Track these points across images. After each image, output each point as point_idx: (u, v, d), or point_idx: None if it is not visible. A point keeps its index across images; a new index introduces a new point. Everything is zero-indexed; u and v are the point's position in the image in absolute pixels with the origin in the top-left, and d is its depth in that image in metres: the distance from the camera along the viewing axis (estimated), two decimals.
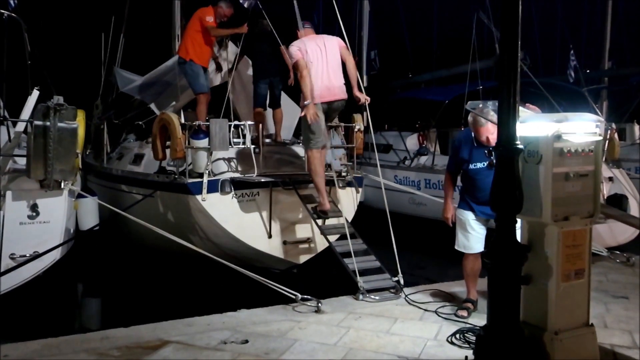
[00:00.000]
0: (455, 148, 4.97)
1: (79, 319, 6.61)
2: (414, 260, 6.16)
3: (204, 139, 6.55)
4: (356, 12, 13.08)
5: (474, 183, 4.78)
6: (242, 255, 6.76)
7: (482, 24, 10.77)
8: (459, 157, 4.87)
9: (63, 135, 5.32)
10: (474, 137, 4.76)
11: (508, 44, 3.42)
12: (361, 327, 4.61)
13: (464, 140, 4.87)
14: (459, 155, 4.87)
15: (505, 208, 3.46)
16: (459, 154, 4.86)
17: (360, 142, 7.90)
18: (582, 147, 3.70)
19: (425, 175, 10.05)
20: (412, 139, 11.52)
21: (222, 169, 6.88)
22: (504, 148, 3.42)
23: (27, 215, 5.53)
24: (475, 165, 4.75)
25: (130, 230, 7.31)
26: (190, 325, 4.65)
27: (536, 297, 3.73)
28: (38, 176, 5.40)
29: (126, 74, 10.15)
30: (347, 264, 5.81)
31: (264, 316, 4.88)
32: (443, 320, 4.77)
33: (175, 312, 4.95)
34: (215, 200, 6.54)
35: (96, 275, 7.67)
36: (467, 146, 4.81)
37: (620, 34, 15.67)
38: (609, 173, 8.44)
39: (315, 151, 6.17)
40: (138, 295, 6.85)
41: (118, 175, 8.36)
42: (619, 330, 4.53)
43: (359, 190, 7.67)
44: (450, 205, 5.00)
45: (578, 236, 3.74)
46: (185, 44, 7.77)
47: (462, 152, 4.84)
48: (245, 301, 5.20)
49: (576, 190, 3.71)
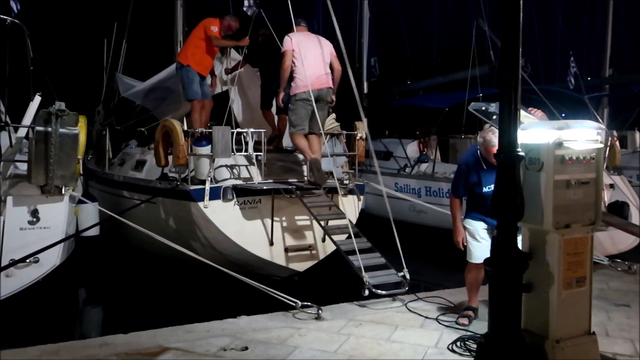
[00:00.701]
0: (463, 173, 4.82)
1: (78, 325, 6.59)
2: (415, 267, 6.14)
3: (207, 146, 6.56)
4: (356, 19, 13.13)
5: (486, 203, 4.57)
6: (243, 262, 6.75)
7: (481, 31, 10.80)
8: (468, 182, 4.75)
9: (64, 141, 5.32)
10: (482, 158, 4.66)
11: (509, 51, 3.43)
12: (362, 335, 4.60)
13: (472, 164, 4.74)
14: (468, 180, 4.75)
15: (507, 215, 3.46)
16: (469, 179, 4.74)
17: (362, 150, 7.92)
18: (584, 155, 3.71)
19: (425, 182, 10.05)
20: (413, 146, 11.54)
21: (224, 176, 6.88)
22: (505, 155, 3.42)
23: (28, 220, 5.52)
24: (489, 187, 4.57)
25: (131, 236, 7.30)
26: (190, 331, 4.63)
27: (537, 305, 3.73)
28: (39, 182, 5.40)
29: (128, 80, 10.18)
30: (352, 260, 5.81)
31: (264, 323, 4.86)
32: (444, 327, 4.76)
33: (175, 319, 4.94)
34: (217, 207, 6.54)
35: (96, 281, 7.66)
36: (475, 169, 4.71)
37: (621, 41, 15.70)
38: (609, 180, 8.43)
39: (297, 135, 6.84)
40: (138, 301, 6.84)
41: (120, 181, 8.37)
42: (620, 338, 4.51)
43: (361, 198, 7.67)
44: (461, 228, 4.85)
45: (579, 244, 3.74)
46: (186, 50, 7.80)
47: (471, 176, 4.72)
48: (245, 308, 5.18)
49: (577, 197, 3.71)
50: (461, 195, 4.90)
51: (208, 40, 7.64)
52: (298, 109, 6.77)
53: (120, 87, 9.91)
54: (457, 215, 4.88)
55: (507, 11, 3.39)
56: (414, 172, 10.62)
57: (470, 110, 4.47)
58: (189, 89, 7.61)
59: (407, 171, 10.79)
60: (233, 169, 6.98)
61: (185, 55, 7.72)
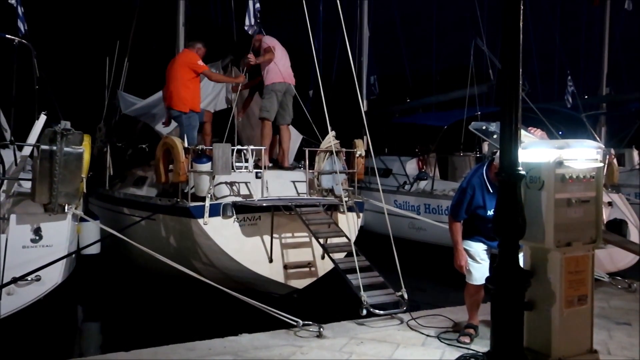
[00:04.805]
0: (467, 194, 4.69)
1: (79, 343, 6.56)
2: (414, 284, 6.15)
3: (207, 163, 6.59)
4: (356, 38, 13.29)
5: (488, 226, 4.51)
6: (242, 279, 6.74)
7: (479, 51, 10.93)
8: (472, 205, 4.68)
9: (69, 160, 5.33)
10: (488, 181, 4.62)
11: (509, 71, 3.49)
12: (363, 353, 4.59)
13: (477, 186, 4.67)
14: (472, 203, 4.68)
15: (509, 234, 3.49)
16: (473, 201, 4.68)
17: (361, 168, 7.96)
18: (584, 174, 3.76)
19: (424, 200, 10.08)
20: (412, 164, 11.58)
21: (224, 192, 6.91)
22: (506, 174, 3.47)
23: (31, 239, 5.52)
24: (492, 211, 4.36)
25: (131, 253, 7.30)
26: (192, 349, 4.62)
27: (539, 323, 3.74)
28: (43, 200, 5.40)
29: (130, 98, 10.24)
30: (351, 279, 5.81)
31: (266, 341, 4.85)
32: (445, 346, 4.75)
33: (176, 336, 4.92)
34: (217, 223, 6.55)
35: (97, 299, 7.63)
36: (480, 192, 4.65)
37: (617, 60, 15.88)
38: (608, 198, 8.47)
39: (266, 122, 7.80)
40: (139, 319, 6.81)
41: (120, 198, 8.39)
42: (622, 357, 4.50)
43: (360, 215, 7.70)
44: (463, 252, 4.78)
45: (581, 262, 3.77)
46: (179, 94, 7.50)
47: (476, 199, 4.65)
48: (246, 325, 5.17)
49: (578, 216, 3.75)
50: (462, 218, 4.78)
51: (195, 77, 7.58)
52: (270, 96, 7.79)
53: (121, 104, 9.97)
54: (458, 240, 4.78)
55: (508, 32, 3.46)
56: (413, 190, 10.66)
57: (471, 129, 4.53)
58: (191, 135, 7.48)
59: (406, 188, 10.83)
60: (233, 186, 7.02)
61: (182, 101, 7.50)
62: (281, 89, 7.83)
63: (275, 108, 7.83)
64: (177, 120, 7.73)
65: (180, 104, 7.55)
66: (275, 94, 7.82)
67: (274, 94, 7.81)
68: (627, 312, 5.78)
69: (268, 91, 7.84)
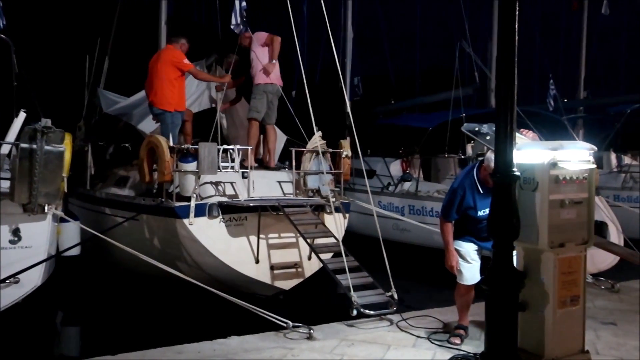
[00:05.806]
0: (457, 195, 4.68)
1: (62, 347, 6.39)
2: (400, 285, 6.13)
3: (192, 162, 6.49)
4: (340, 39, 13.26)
5: (479, 226, 4.63)
6: (228, 280, 6.65)
7: (464, 53, 11.00)
8: (463, 205, 4.68)
9: (49, 158, 5.18)
10: (478, 182, 4.61)
11: (505, 74, 3.49)
12: (354, 355, 4.55)
13: (468, 187, 4.65)
14: (463, 204, 4.66)
15: (503, 235, 3.49)
16: (464, 202, 4.65)
17: (347, 168, 7.93)
18: (577, 175, 3.78)
19: (409, 201, 10.08)
20: (396, 165, 11.59)
21: (210, 192, 6.81)
22: (501, 175, 3.46)
23: (9, 240, 5.36)
24: (483, 211, 4.55)
25: (114, 255, 7.15)
26: (180, 352, 4.53)
27: (533, 324, 3.75)
28: (22, 200, 5.24)
29: (111, 96, 10.05)
30: (341, 280, 5.77)
31: (255, 343, 4.78)
32: (436, 347, 4.74)
33: (164, 339, 4.82)
34: (202, 224, 6.45)
35: (80, 302, 7.45)
36: (470, 193, 4.64)
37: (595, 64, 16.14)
38: None
39: (254, 122, 7.77)
40: (124, 321, 6.65)
41: (102, 198, 8.21)
42: (610, 357, 4.54)
43: (346, 216, 7.66)
44: (455, 253, 4.77)
45: (573, 263, 3.80)
46: (163, 92, 7.36)
47: (466, 199, 4.64)
48: (234, 327, 5.10)
49: (571, 217, 3.77)
50: (453, 219, 4.77)
51: (179, 75, 7.45)
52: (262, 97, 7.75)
53: (102, 102, 9.77)
54: (449, 240, 4.77)
55: (504, 33, 3.46)
56: (397, 191, 10.66)
57: (463, 130, 4.52)
58: (173, 134, 7.33)
59: (390, 189, 10.83)
60: (218, 186, 6.92)
61: (167, 100, 7.36)
62: (272, 91, 7.82)
63: (265, 109, 7.78)
64: (160, 119, 7.57)
65: (166, 102, 7.42)
66: (267, 95, 7.78)
67: (265, 95, 7.77)
68: (612, 312, 5.85)
69: (259, 91, 7.77)
